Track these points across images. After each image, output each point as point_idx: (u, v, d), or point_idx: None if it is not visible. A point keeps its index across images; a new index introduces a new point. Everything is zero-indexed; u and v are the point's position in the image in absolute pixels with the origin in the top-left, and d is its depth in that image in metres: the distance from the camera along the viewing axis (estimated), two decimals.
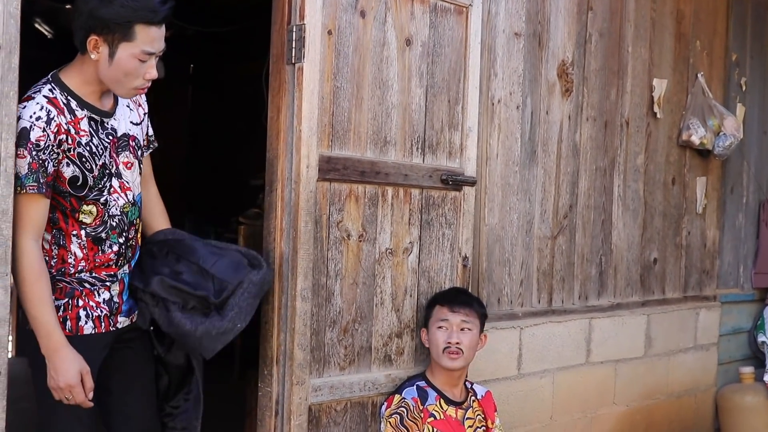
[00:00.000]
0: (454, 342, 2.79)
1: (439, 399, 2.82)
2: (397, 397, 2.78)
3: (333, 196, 2.72)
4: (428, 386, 2.84)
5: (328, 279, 2.71)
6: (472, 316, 2.86)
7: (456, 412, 2.84)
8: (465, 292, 3.00)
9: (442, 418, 2.79)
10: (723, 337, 4.62)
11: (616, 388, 3.93)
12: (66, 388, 2.23)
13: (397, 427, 2.71)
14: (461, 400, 2.89)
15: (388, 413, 2.75)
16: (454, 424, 2.80)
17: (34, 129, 2.18)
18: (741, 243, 4.77)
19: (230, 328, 2.46)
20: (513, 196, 3.40)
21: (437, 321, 2.85)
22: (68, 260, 2.33)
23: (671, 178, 4.23)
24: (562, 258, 3.64)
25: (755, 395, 4.42)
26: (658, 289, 4.18)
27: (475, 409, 2.92)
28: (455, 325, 2.82)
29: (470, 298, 2.95)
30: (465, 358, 2.82)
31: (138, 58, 2.25)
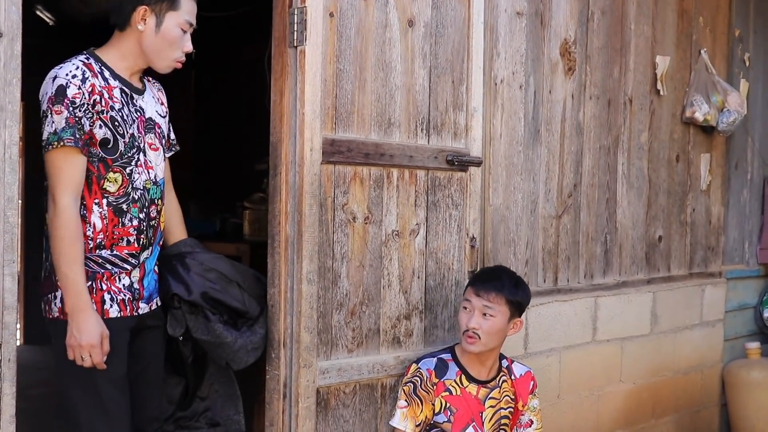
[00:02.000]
0: (471, 327, 2.73)
1: (460, 375, 2.79)
2: (414, 366, 2.78)
3: (338, 179, 2.72)
4: (452, 360, 2.81)
5: (334, 262, 2.72)
6: (496, 302, 2.75)
7: (478, 390, 2.81)
8: (499, 276, 2.83)
9: (459, 394, 2.77)
10: (729, 313, 4.62)
11: (622, 365, 3.94)
12: (87, 347, 2.25)
13: (410, 395, 2.73)
14: (487, 379, 2.83)
15: (404, 381, 2.77)
16: (471, 402, 2.78)
17: (70, 86, 2.23)
18: (746, 219, 4.76)
19: (262, 344, 2.68)
20: (517, 176, 3.40)
21: (463, 300, 2.82)
22: (86, 233, 2.32)
23: (675, 155, 4.22)
24: (567, 237, 3.64)
25: (762, 370, 4.43)
26: (663, 266, 4.19)
27: (504, 390, 2.86)
28: (477, 309, 2.75)
29: (502, 284, 2.79)
30: (483, 343, 2.74)
31: (182, 28, 2.41)
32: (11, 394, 2.21)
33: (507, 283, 2.80)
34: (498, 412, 2.82)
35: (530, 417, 2.91)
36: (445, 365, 2.80)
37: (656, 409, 4.17)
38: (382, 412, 2.86)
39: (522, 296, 2.84)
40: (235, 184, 7.31)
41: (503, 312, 2.76)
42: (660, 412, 4.20)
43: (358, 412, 2.81)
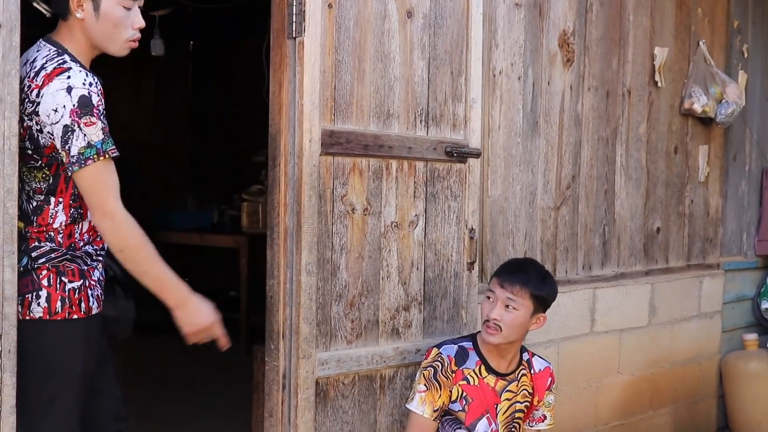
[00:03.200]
0: (492, 318, 2.66)
1: (479, 365, 2.74)
2: (435, 351, 2.72)
3: (336, 170, 2.72)
4: (473, 349, 2.76)
5: (333, 253, 2.72)
6: (520, 296, 2.67)
7: (496, 382, 2.75)
8: (526, 269, 2.77)
9: (476, 384, 2.72)
10: (727, 305, 4.63)
11: (620, 357, 3.95)
12: (208, 327, 2.34)
13: (430, 380, 2.68)
14: (507, 372, 2.77)
15: (424, 364, 2.72)
16: (488, 393, 2.74)
17: (92, 95, 2.12)
18: (744, 210, 4.77)
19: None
20: (515, 168, 3.40)
21: (488, 290, 2.75)
22: (75, 234, 2.27)
23: (673, 146, 4.23)
24: (566, 228, 3.64)
25: (759, 362, 4.44)
26: (661, 258, 4.19)
27: (522, 383, 2.80)
28: (500, 301, 2.68)
29: (528, 277, 2.71)
30: (504, 336, 2.67)
31: (123, 5, 2.21)
32: (12, 384, 2.20)
33: (533, 276, 2.73)
34: (513, 406, 2.78)
35: (544, 412, 2.87)
36: (466, 353, 2.74)
37: (654, 400, 4.18)
38: (381, 403, 2.87)
39: (548, 291, 2.76)
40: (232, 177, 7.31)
41: (526, 306, 2.69)
42: (658, 403, 4.21)
43: (357, 403, 2.81)
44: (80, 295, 2.26)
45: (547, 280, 2.79)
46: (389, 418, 2.89)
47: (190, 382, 5.56)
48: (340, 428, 2.77)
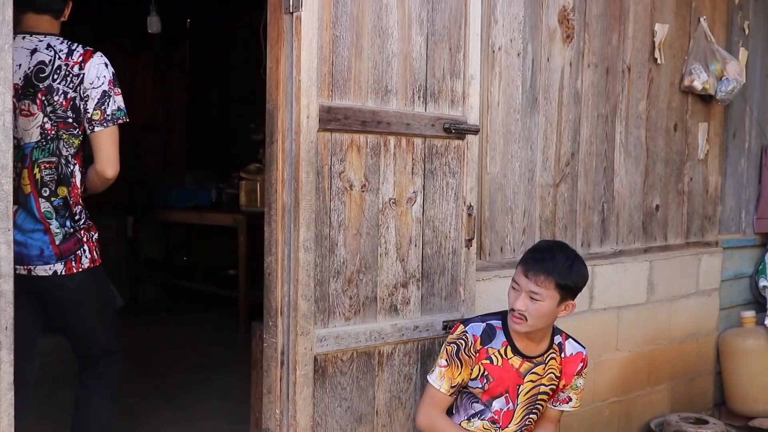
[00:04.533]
0: (517, 308, 2.58)
1: (506, 345, 2.67)
2: (461, 328, 2.67)
3: (334, 147, 2.71)
4: (501, 328, 2.68)
5: (331, 230, 2.71)
6: (544, 286, 2.55)
7: (521, 364, 2.68)
8: (552, 256, 2.60)
9: (500, 365, 2.67)
10: (725, 282, 4.64)
11: (618, 334, 3.96)
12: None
13: (452, 356, 2.64)
14: (534, 355, 2.70)
15: (449, 340, 2.67)
16: (511, 374, 2.68)
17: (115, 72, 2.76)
18: (743, 188, 4.76)
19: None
20: (514, 145, 3.39)
21: (513, 279, 2.64)
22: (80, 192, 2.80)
23: (673, 124, 4.21)
24: (565, 206, 3.64)
25: (756, 338, 4.46)
26: (660, 235, 4.19)
27: (549, 367, 2.72)
28: (524, 292, 2.57)
29: (553, 265, 2.57)
30: (530, 325, 2.59)
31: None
32: (9, 361, 2.21)
33: (559, 264, 2.57)
34: (537, 388, 2.72)
35: (570, 394, 2.81)
36: (493, 332, 2.67)
37: (652, 376, 4.20)
38: (379, 379, 2.87)
39: (575, 279, 2.61)
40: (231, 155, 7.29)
41: (552, 296, 2.57)
42: (655, 379, 4.22)
43: (355, 380, 2.81)
44: (97, 244, 2.85)
45: (576, 266, 2.62)
46: (387, 395, 2.90)
47: (189, 360, 5.57)
48: (339, 404, 2.78)
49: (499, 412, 2.71)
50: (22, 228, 2.67)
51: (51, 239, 2.69)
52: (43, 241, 2.69)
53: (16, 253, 2.45)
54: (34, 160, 2.68)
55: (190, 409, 4.50)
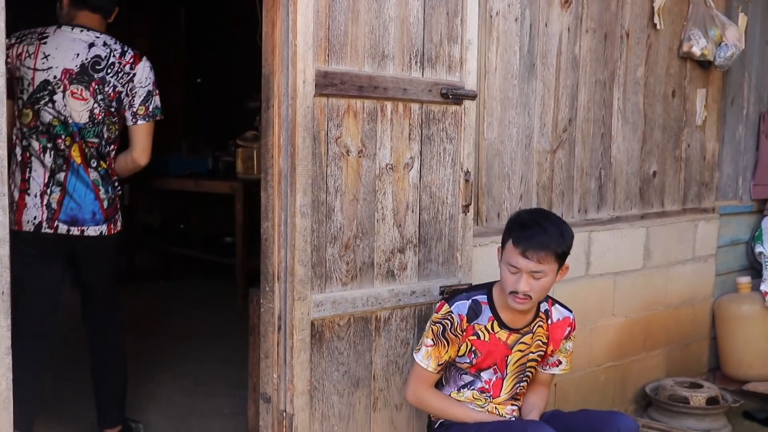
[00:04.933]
0: (522, 290, 2.51)
1: (492, 320, 2.64)
2: (446, 308, 2.62)
3: (331, 112, 2.69)
4: (487, 303, 2.65)
5: (327, 195, 2.71)
6: (546, 262, 2.49)
7: (508, 336, 2.66)
8: (543, 228, 2.51)
9: (487, 340, 2.65)
10: (721, 249, 4.66)
11: (615, 299, 3.98)
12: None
13: (438, 336, 2.61)
14: (520, 327, 2.68)
15: (435, 319, 2.63)
16: (499, 347, 2.66)
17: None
18: (740, 155, 4.76)
19: None
20: (512, 110, 3.38)
21: (507, 261, 2.54)
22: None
23: (671, 90, 4.20)
24: (562, 172, 3.64)
25: (752, 304, 4.48)
26: (657, 201, 4.20)
27: (537, 335, 2.71)
28: (526, 273, 2.50)
29: (549, 238, 2.50)
30: (535, 300, 2.57)
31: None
32: (6, 326, 2.22)
33: (553, 235, 2.51)
34: (526, 356, 2.71)
35: (560, 357, 2.79)
36: (479, 308, 2.64)
37: (647, 342, 4.22)
38: (376, 344, 2.89)
39: (568, 243, 2.57)
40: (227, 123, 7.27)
41: (552, 269, 2.53)
42: (651, 345, 4.25)
43: (352, 344, 2.83)
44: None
45: (565, 230, 2.56)
46: (384, 359, 2.91)
47: (187, 327, 5.60)
48: (336, 369, 2.79)
49: (489, 382, 2.72)
50: (74, 194, 3.08)
51: (101, 204, 3.14)
52: (94, 205, 3.13)
53: (69, 216, 3.07)
54: (82, 137, 3.09)
55: (188, 375, 4.53)
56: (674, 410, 3.97)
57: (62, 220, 3.05)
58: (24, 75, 3.03)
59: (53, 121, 3.04)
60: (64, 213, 3.05)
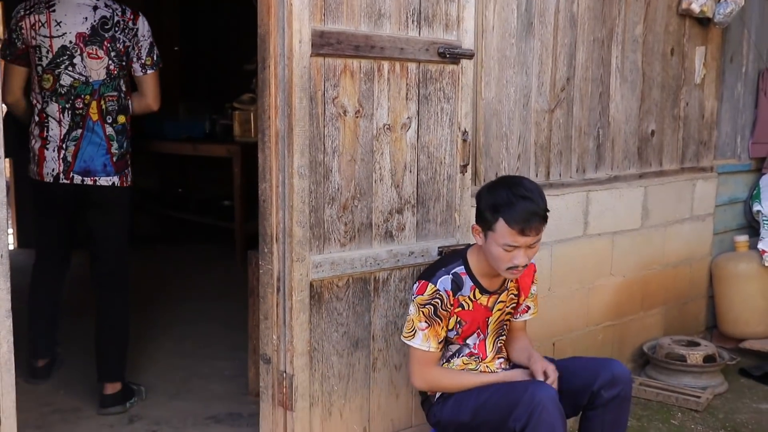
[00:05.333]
0: (522, 264, 2.50)
1: (473, 289, 2.63)
2: (431, 287, 2.56)
3: (327, 72, 2.67)
4: (466, 273, 2.63)
5: (325, 156, 2.70)
6: (541, 230, 2.50)
7: (488, 300, 2.67)
8: (532, 200, 2.47)
9: (471, 309, 2.65)
10: (719, 208, 4.66)
11: (613, 259, 3.99)
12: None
13: (431, 317, 2.56)
14: (497, 288, 2.69)
15: (421, 301, 2.56)
16: (481, 311, 2.67)
17: None
18: (739, 113, 4.74)
19: None
20: (510, 70, 3.35)
21: (502, 242, 2.47)
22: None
23: (670, 48, 4.17)
24: (560, 131, 3.62)
25: (749, 262, 4.49)
26: (655, 161, 4.19)
27: (510, 291, 2.73)
28: (524, 248, 2.49)
29: (537, 206, 2.47)
30: (526, 266, 2.56)
31: None
32: (6, 289, 2.23)
33: (539, 202, 2.49)
34: (503, 312, 2.74)
35: (528, 303, 2.82)
36: (460, 280, 2.62)
37: (645, 301, 4.24)
38: (375, 305, 2.90)
39: (546, 205, 2.55)
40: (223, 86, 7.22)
41: (542, 235, 2.54)
42: (649, 304, 4.27)
43: (351, 305, 2.84)
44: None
45: (541, 191, 2.55)
46: (383, 320, 2.92)
47: (186, 291, 5.62)
48: (335, 330, 2.81)
49: (475, 346, 2.72)
50: (88, 147, 3.41)
51: (111, 157, 3.44)
52: (105, 158, 3.43)
53: (82, 168, 3.41)
54: (101, 95, 3.42)
55: (188, 338, 4.55)
56: (671, 368, 4.00)
57: (76, 171, 3.41)
58: (41, 44, 3.37)
59: (74, 82, 3.39)
60: (78, 165, 3.41)
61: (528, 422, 2.36)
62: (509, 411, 2.42)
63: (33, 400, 3.53)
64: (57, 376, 3.86)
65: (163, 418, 3.45)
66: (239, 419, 3.45)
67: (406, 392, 3.02)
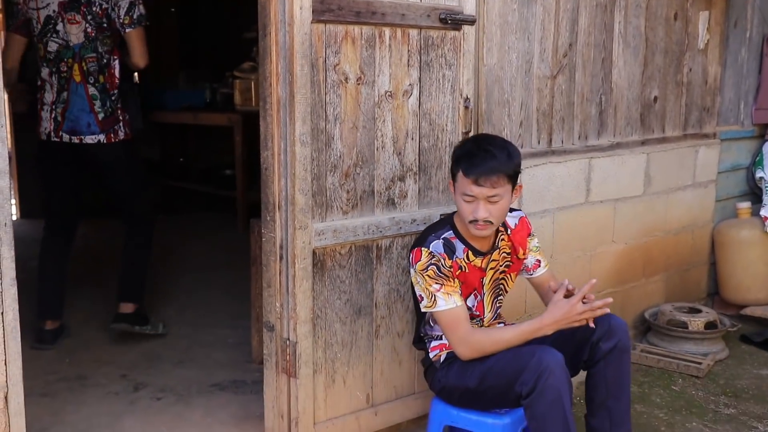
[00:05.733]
0: (481, 218, 2.52)
1: (466, 251, 2.64)
2: (425, 251, 2.57)
3: (329, 39, 2.65)
4: (456, 237, 2.64)
5: (327, 123, 2.69)
6: (500, 184, 2.50)
7: (482, 261, 2.67)
8: (491, 154, 2.51)
9: (467, 271, 2.65)
10: (721, 174, 4.65)
11: (615, 226, 3.99)
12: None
13: (439, 276, 2.55)
14: (489, 248, 2.69)
15: (422, 266, 2.56)
16: (476, 273, 2.67)
17: None
18: (743, 79, 4.71)
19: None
20: (512, 35, 3.33)
21: (461, 192, 2.54)
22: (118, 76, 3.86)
23: (673, 13, 4.13)
24: (562, 98, 3.60)
25: (751, 229, 4.49)
26: (658, 127, 4.17)
27: (502, 249, 2.73)
28: (482, 200, 2.51)
29: (498, 162, 2.50)
30: (495, 225, 2.57)
31: None
32: (10, 257, 2.23)
33: (501, 157, 2.51)
34: (496, 271, 2.74)
35: (536, 258, 2.81)
36: (451, 245, 2.62)
37: (647, 268, 4.25)
38: (377, 272, 2.90)
39: (516, 163, 2.58)
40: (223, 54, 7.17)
41: (507, 190, 2.54)
42: (650, 271, 4.28)
43: (354, 273, 2.84)
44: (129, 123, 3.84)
45: (512, 150, 2.57)
46: (386, 287, 2.93)
47: (188, 260, 5.63)
48: (338, 297, 2.81)
49: (474, 307, 2.73)
50: (73, 109, 3.70)
51: (95, 116, 3.71)
52: (90, 117, 3.71)
53: (69, 127, 3.73)
54: (81, 57, 3.69)
55: (191, 308, 4.57)
56: (673, 335, 4.01)
57: (65, 130, 3.73)
58: (32, 16, 3.70)
59: (59, 48, 3.69)
60: (66, 125, 3.73)
61: (535, 386, 2.37)
62: (516, 376, 2.43)
63: (39, 368, 3.55)
64: (62, 345, 3.88)
65: (167, 386, 3.47)
66: (243, 386, 3.47)
67: (408, 359, 3.04)
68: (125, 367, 3.66)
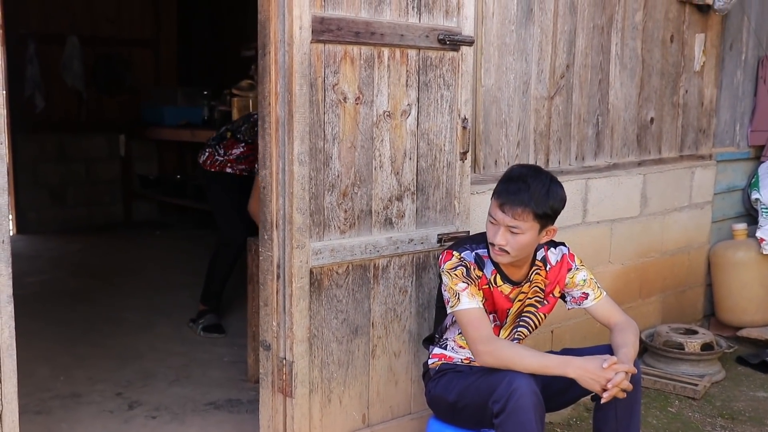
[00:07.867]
0: (498, 243, 2.49)
1: (495, 274, 2.62)
2: (456, 255, 2.58)
3: (328, 58, 2.66)
4: (488, 257, 2.61)
5: (325, 143, 2.69)
6: (522, 219, 2.45)
7: (510, 291, 2.64)
8: (527, 185, 2.46)
9: (492, 290, 2.63)
10: (717, 196, 4.66)
11: (611, 247, 3.99)
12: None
13: (466, 277, 2.54)
14: (521, 280, 2.65)
15: (450, 266, 2.56)
16: (501, 299, 2.65)
17: None
18: (738, 101, 4.74)
19: None
20: (509, 56, 3.35)
21: (490, 211, 2.53)
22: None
23: (670, 35, 4.16)
24: (559, 118, 3.62)
25: (747, 250, 4.50)
26: (654, 148, 4.19)
27: (534, 282, 2.68)
28: (503, 226, 2.48)
29: (529, 196, 2.45)
30: (513, 257, 2.53)
31: None
32: (7, 275, 2.23)
33: (536, 193, 2.45)
34: (523, 304, 2.70)
35: (581, 291, 2.73)
36: (482, 261, 2.61)
37: (643, 289, 4.25)
38: (374, 292, 2.90)
39: (553, 205, 2.50)
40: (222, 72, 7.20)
41: (532, 227, 2.48)
42: (647, 292, 4.28)
43: (351, 292, 2.84)
44: None
45: (552, 192, 2.50)
46: (383, 307, 2.93)
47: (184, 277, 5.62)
48: (335, 316, 2.81)
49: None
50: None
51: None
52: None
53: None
54: None
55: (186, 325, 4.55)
56: (669, 356, 4.01)
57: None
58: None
59: None
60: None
61: (505, 406, 2.36)
62: (489, 394, 2.43)
63: (33, 385, 3.54)
64: (57, 362, 3.87)
65: (162, 404, 3.45)
66: (239, 405, 3.46)
67: (405, 379, 3.03)
68: (120, 385, 3.64)
